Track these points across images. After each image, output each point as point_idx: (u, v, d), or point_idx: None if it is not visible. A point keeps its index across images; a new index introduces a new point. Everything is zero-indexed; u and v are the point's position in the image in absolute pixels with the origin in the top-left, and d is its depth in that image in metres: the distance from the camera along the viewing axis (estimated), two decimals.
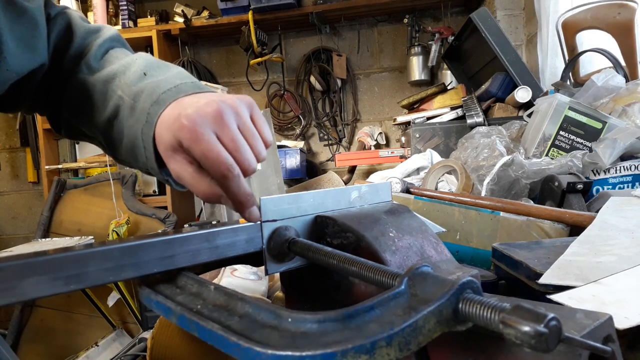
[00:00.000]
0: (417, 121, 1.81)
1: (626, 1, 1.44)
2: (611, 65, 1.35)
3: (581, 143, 1.11)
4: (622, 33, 1.44)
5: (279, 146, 2.42)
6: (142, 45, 2.64)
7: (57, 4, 0.63)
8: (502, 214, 0.77)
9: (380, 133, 2.74)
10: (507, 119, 1.51)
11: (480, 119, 1.60)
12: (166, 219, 2.31)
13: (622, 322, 0.34)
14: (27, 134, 2.93)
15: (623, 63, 1.38)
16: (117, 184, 2.39)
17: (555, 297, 0.40)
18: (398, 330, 0.24)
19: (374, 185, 0.48)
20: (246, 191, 0.42)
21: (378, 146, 2.72)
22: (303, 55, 2.88)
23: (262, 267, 0.41)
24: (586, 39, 1.58)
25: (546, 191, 0.92)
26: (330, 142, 2.92)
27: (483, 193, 1.02)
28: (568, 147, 1.12)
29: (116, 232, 2.16)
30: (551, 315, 0.22)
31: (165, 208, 2.52)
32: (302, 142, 2.80)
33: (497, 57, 1.62)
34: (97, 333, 2.23)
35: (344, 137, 2.90)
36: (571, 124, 1.11)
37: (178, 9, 2.74)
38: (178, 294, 0.35)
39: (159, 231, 2.09)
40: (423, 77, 2.64)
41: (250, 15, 2.54)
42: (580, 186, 0.85)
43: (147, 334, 1.91)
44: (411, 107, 2.12)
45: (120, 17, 2.72)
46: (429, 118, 1.83)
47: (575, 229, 0.71)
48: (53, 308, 2.39)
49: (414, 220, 0.44)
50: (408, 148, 1.91)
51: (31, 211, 3.11)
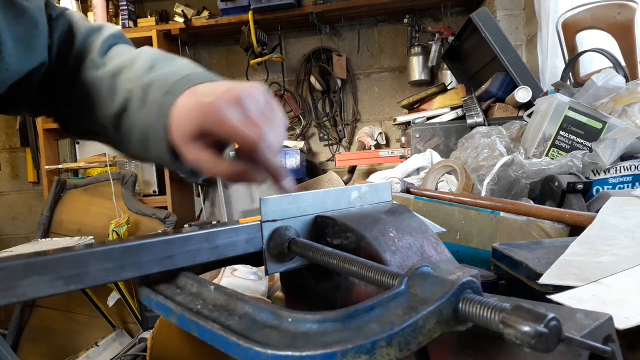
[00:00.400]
0: (417, 121, 1.81)
1: (626, 1, 1.44)
2: (611, 65, 1.35)
3: (581, 143, 1.11)
4: (622, 33, 1.44)
5: None
6: (142, 45, 2.63)
7: (58, 5, 0.63)
8: (502, 214, 0.77)
9: (380, 133, 2.74)
10: (507, 119, 1.51)
11: (480, 119, 1.60)
12: (166, 219, 2.31)
13: (622, 322, 0.34)
14: (27, 134, 2.93)
15: (623, 63, 1.38)
16: (117, 184, 2.39)
17: (555, 297, 0.40)
18: (398, 330, 0.24)
19: (374, 185, 0.48)
20: (278, 162, 0.43)
21: (378, 146, 2.72)
22: (303, 55, 2.88)
23: (262, 267, 0.41)
24: (586, 39, 1.58)
25: (546, 191, 0.92)
26: (330, 142, 2.92)
27: (483, 193, 1.02)
28: (568, 147, 1.12)
29: (116, 232, 2.16)
30: (551, 315, 0.22)
31: (165, 208, 2.52)
32: (302, 142, 2.80)
33: (497, 57, 1.62)
34: (97, 333, 2.22)
35: (344, 137, 2.90)
36: (571, 124, 1.11)
37: (178, 9, 2.73)
38: (178, 294, 0.35)
39: (159, 231, 2.09)
40: (423, 77, 2.64)
41: (250, 15, 2.54)
42: (580, 186, 0.85)
43: (147, 334, 1.91)
44: (411, 107, 2.12)
45: (120, 17, 2.71)
46: (429, 118, 1.83)
47: (575, 229, 0.71)
48: (53, 308, 2.39)
49: (414, 220, 0.44)
50: (408, 148, 1.91)
51: (31, 211, 3.11)
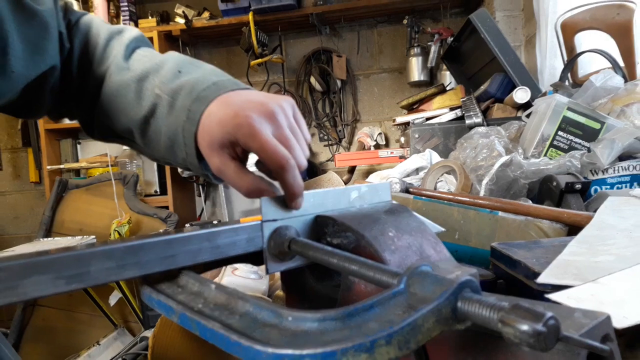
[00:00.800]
0: (417, 122, 1.81)
1: (625, 2, 1.44)
2: (610, 65, 1.35)
3: (579, 143, 1.11)
4: (621, 33, 1.44)
5: None
6: None
7: (78, 10, 0.62)
8: (501, 214, 0.77)
9: (379, 133, 2.74)
10: (506, 120, 1.51)
11: (479, 120, 1.60)
12: (167, 219, 2.32)
13: (621, 322, 0.34)
14: (29, 134, 2.94)
15: (622, 63, 1.38)
16: (119, 184, 2.40)
17: (553, 297, 0.40)
18: (397, 329, 0.24)
19: (374, 185, 0.48)
20: (301, 182, 0.43)
21: (377, 146, 2.73)
22: (303, 56, 2.88)
23: (263, 266, 0.41)
24: (585, 40, 1.58)
25: (544, 191, 0.92)
26: (330, 143, 2.92)
27: (482, 193, 1.02)
28: (566, 147, 1.12)
29: (118, 232, 2.16)
30: (549, 314, 0.22)
31: (166, 208, 2.52)
32: None
33: (496, 58, 1.62)
34: (99, 332, 2.23)
35: (344, 138, 2.90)
36: (569, 124, 1.11)
37: (179, 10, 2.74)
38: (179, 293, 0.35)
39: (161, 231, 2.09)
40: (422, 78, 2.64)
41: (250, 16, 2.54)
42: (578, 186, 0.85)
43: (149, 333, 1.92)
44: (410, 108, 2.12)
45: (121, 18, 2.72)
46: (428, 118, 1.83)
47: (573, 229, 0.71)
48: (55, 307, 2.39)
49: (413, 219, 0.44)
50: (407, 148, 1.91)
51: (33, 211, 3.11)
